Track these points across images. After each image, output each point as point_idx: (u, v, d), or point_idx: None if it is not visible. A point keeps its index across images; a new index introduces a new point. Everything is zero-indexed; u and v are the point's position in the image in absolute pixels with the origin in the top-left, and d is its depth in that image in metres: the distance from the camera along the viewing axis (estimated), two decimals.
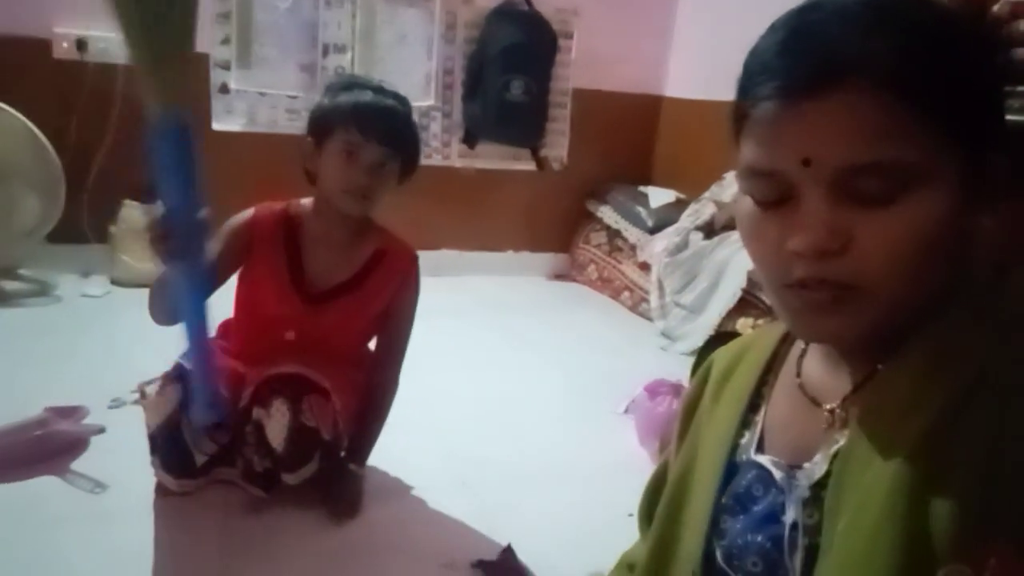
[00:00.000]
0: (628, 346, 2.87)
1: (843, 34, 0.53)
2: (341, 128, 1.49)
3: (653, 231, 3.21)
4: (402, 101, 1.57)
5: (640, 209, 3.35)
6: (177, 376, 1.49)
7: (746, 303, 2.53)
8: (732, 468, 0.70)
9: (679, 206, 3.23)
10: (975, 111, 0.54)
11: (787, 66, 0.55)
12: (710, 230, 2.83)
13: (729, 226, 2.75)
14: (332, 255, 1.59)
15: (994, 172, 0.55)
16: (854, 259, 0.53)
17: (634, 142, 3.81)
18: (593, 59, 3.58)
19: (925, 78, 0.52)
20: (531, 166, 3.64)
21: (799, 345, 0.71)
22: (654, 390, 1.96)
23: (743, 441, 0.70)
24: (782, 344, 0.74)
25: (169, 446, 1.52)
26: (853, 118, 0.51)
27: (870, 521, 0.53)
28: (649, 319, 3.09)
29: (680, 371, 2.25)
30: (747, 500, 0.67)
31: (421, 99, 3.40)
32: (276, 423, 1.48)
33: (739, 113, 0.60)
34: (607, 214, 3.53)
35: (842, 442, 0.60)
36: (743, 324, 2.47)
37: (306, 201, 1.62)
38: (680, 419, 0.80)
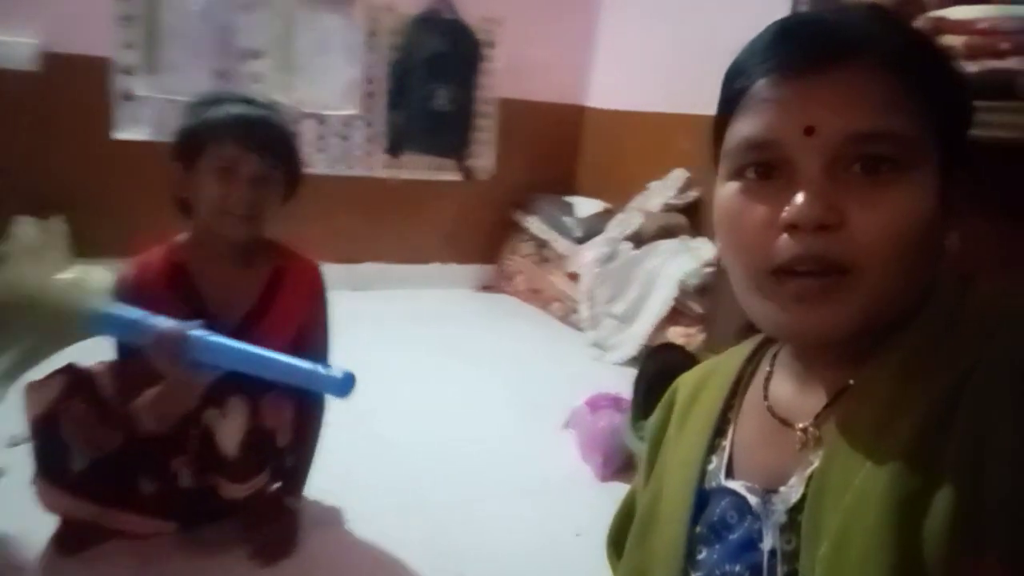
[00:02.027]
0: (561, 357, 2.85)
1: (844, 19, 0.57)
2: (214, 144, 1.35)
3: (581, 241, 3.21)
4: (277, 111, 1.46)
5: (567, 219, 3.35)
6: (66, 370, 1.35)
7: (677, 313, 2.56)
8: (703, 496, 0.67)
9: (606, 216, 3.25)
10: (956, 112, 0.57)
11: (790, 46, 0.56)
12: (639, 240, 2.86)
13: (658, 236, 2.78)
14: (229, 286, 1.45)
15: (960, 185, 0.57)
16: (849, 238, 0.53)
17: (559, 152, 3.82)
18: (518, 69, 3.56)
19: (922, 65, 0.55)
20: (457, 176, 3.59)
21: (764, 368, 0.70)
22: (595, 404, 1.94)
23: (711, 467, 0.68)
24: (747, 367, 0.72)
25: (45, 443, 1.35)
26: (857, 90, 0.53)
27: (858, 545, 0.51)
28: (580, 329, 3.09)
29: (613, 381, 2.25)
30: (722, 528, 0.64)
31: (343, 108, 3.30)
32: (232, 423, 1.36)
33: (731, 95, 0.60)
34: (534, 224, 3.52)
35: (817, 463, 0.57)
36: (674, 333, 2.49)
37: (184, 237, 1.46)
38: (648, 448, 0.78)
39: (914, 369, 0.55)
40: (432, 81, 3.27)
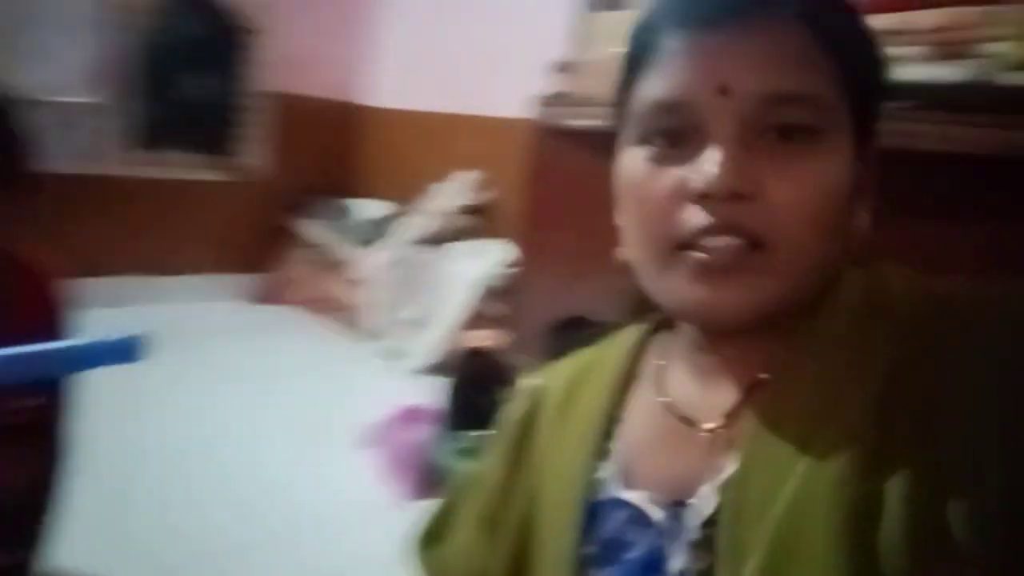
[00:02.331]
0: (349, 370, 2.67)
1: None
2: None
3: (367, 245, 3.06)
4: None
5: (350, 222, 3.18)
6: None
7: (475, 315, 2.51)
8: (592, 509, 0.58)
9: (392, 218, 3.14)
10: (871, 76, 0.55)
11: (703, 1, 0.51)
12: (432, 242, 2.77)
13: (454, 237, 2.72)
14: None
15: (869, 160, 0.54)
16: (763, 210, 0.48)
17: (339, 152, 3.61)
18: (290, 60, 3.30)
19: (839, 21, 0.53)
20: (222, 176, 3.23)
21: (653, 360, 0.63)
22: (402, 417, 1.81)
23: (600, 476, 0.59)
24: (634, 359, 0.65)
25: None
26: (774, 47, 0.49)
27: (802, 558, 0.45)
28: (368, 339, 2.92)
29: (409, 391, 2.14)
30: (617, 547, 0.56)
31: (78, 94, 2.81)
32: None
33: (636, 53, 0.54)
34: (313, 228, 3.29)
35: (731, 469, 0.51)
36: (474, 337, 2.43)
37: None
38: (502, 455, 0.67)
39: (841, 358, 0.50)
40: (189, 68, 2.93)
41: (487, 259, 2.58)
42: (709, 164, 0.47)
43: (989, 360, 0.47)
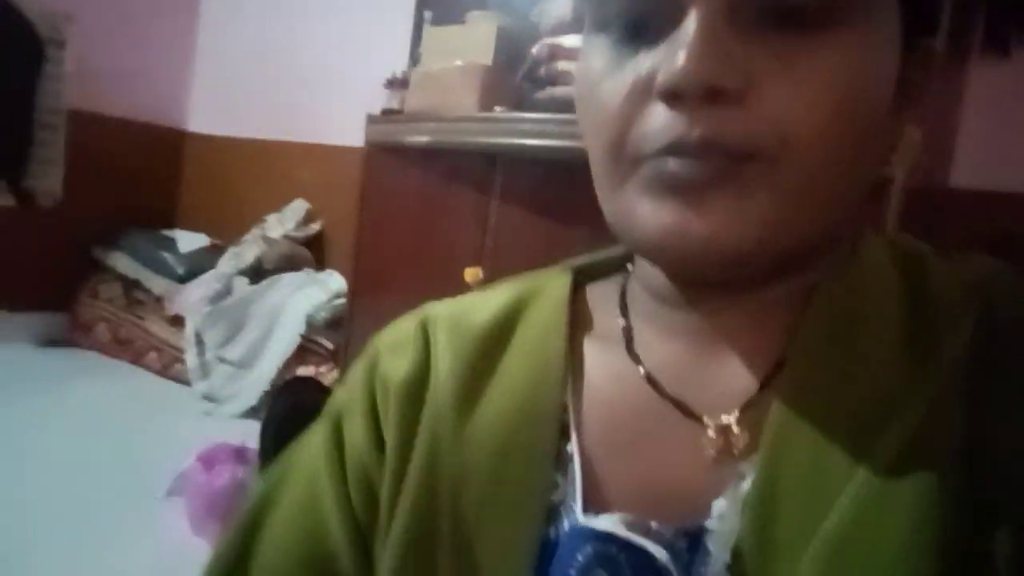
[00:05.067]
0: (162, 417, 2.36)
1: None
2: None
3: (184, 279, 2.78)
4: None
5: (166, 255, 2.88)
6: None
7: (305, 350, 2.32)
8: (544, 546, 0.39)
9: (214, 251, 2.88)
10: None
11: None
12: (258, 273, 2.56)
13: (280, 268, 2.53)
14: None
15: (927, 61, 0.41)
16: (755, 116, 0.34)
17: (155, 180, 3.30)
18: (96, 78, 2.98)
19: None
20: (9, 201, 2.83)
21: (608, 318, 0.44)
22: (210, 460, 1.59)
23: (554, 497, 0.40)
24: (576, 317, 0.44)
25: None
26: None
27: None
28: (186, 382, 2.62)
29: (233, 437, 1.91)
30: None
31: None
32: None
33: None
34: (122, 262, 2.95)
35: (750, 478, 0.36)
36: (303, 373, 2.25)
37: None
38: (352, 467, 0.45)
39: (884, 336, 0.38)
40: None
41: (318, 291, 2.42)
42: (679, 52, 0.34)
43: None
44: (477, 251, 1.71)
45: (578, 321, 0.45)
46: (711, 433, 0.38)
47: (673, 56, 0.34)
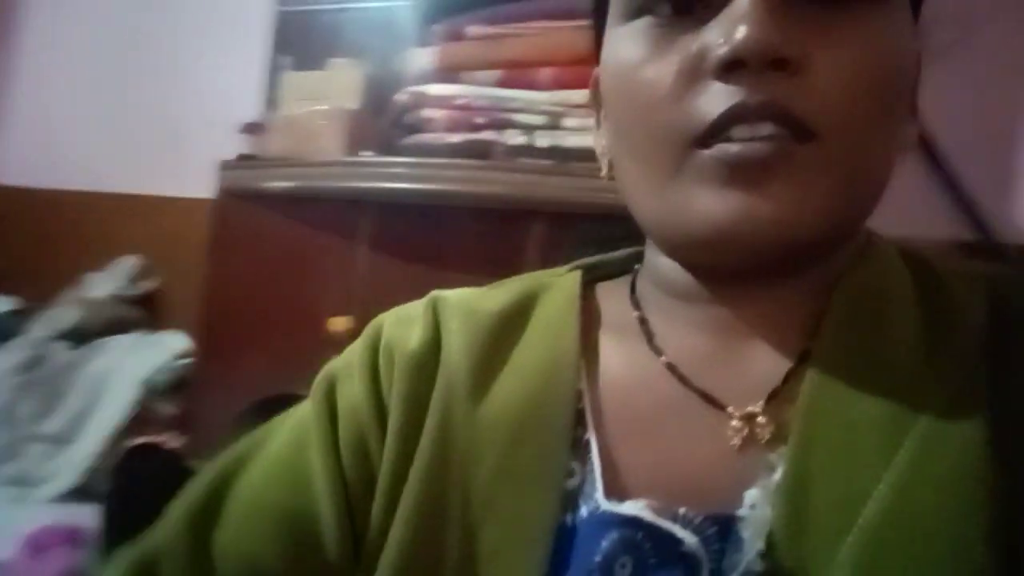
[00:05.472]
0: None
1: None
2: None
3: None
4: None
5: None
6: None
7: (142, 420, 2.10)
8: (561, 531, 0.39)
9: (23, 315, 2.56)
10: None
11: None
12: (78, 337, 2.31)
13: (106, 330, 2.30)
14: None
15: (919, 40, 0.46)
16: (812, 89, 0.36)
17: None
18: None
19: None
20: None
21: (619, 312, 0.45)
22: (37, 545, 1.38)
23: (572, 483, 0.40)
24: (589, 313, 0.46)
25: None
26: None
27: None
28: None
29: (49, 521, 1.67)
30: None
31: None
32: None
33: None
34: None
35: (781, 467, 0.37)
36: (140, 443, 2.04)
37: None
38: (351, 457, 0.43)
39: (903, 326, 0.39)
40: None
41: (153, 353, 2.22)
42: (739, 19, 0.34)
43: None
44: (344, 300, 1.67)
45: (590, 314, 0.47)
46: (735, 423, 0.39)
47: (733, 28, 0.35)
